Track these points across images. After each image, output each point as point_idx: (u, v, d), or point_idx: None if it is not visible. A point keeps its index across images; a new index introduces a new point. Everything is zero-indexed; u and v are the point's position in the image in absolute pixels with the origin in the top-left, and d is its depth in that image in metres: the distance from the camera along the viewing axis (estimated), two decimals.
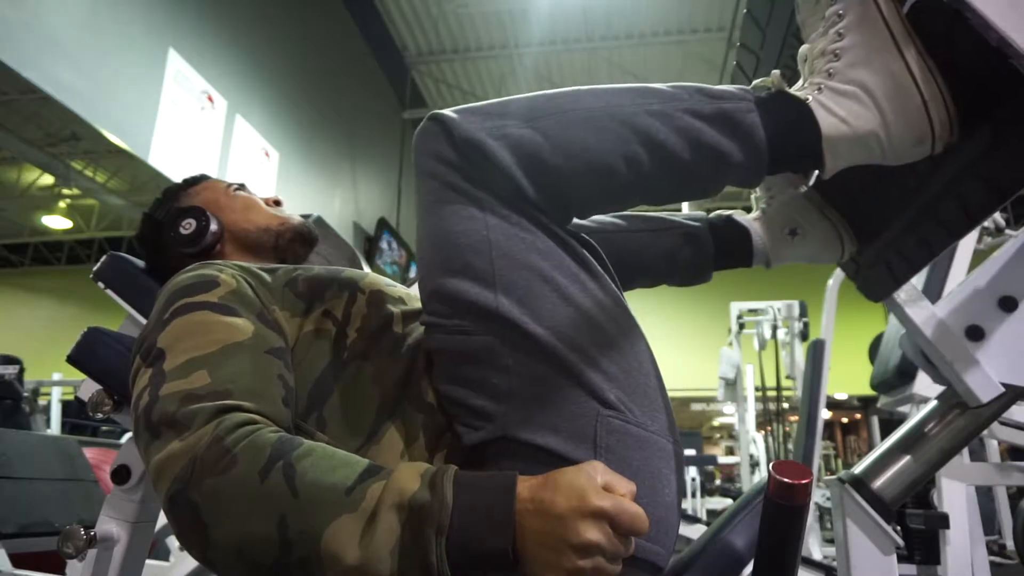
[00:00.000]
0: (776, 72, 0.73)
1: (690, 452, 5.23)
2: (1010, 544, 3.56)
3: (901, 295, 0.81)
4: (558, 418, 0.62)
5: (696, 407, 11.84)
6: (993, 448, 3.11)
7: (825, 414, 2.87)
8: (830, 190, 0.86)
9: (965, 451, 1.58)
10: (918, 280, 2.10)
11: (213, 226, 0.93)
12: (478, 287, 0.65)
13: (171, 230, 0.94)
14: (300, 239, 0.99)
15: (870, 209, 0.84)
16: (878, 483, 0.76)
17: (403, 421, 0.69)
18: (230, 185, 1.02)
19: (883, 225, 0.82)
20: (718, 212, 0.95)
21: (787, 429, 4.55)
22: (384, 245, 6.86)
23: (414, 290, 0.84)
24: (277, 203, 1.02)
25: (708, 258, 0.92)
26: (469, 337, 0.65)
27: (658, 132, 0.68)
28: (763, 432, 4.71)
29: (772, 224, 0.90)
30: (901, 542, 0.74)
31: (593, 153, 0.67)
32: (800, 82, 0.74)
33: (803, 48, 0.75)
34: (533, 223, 0.67)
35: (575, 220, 0.77)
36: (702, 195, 0.75)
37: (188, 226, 0.93)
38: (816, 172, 0.84)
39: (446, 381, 0.68)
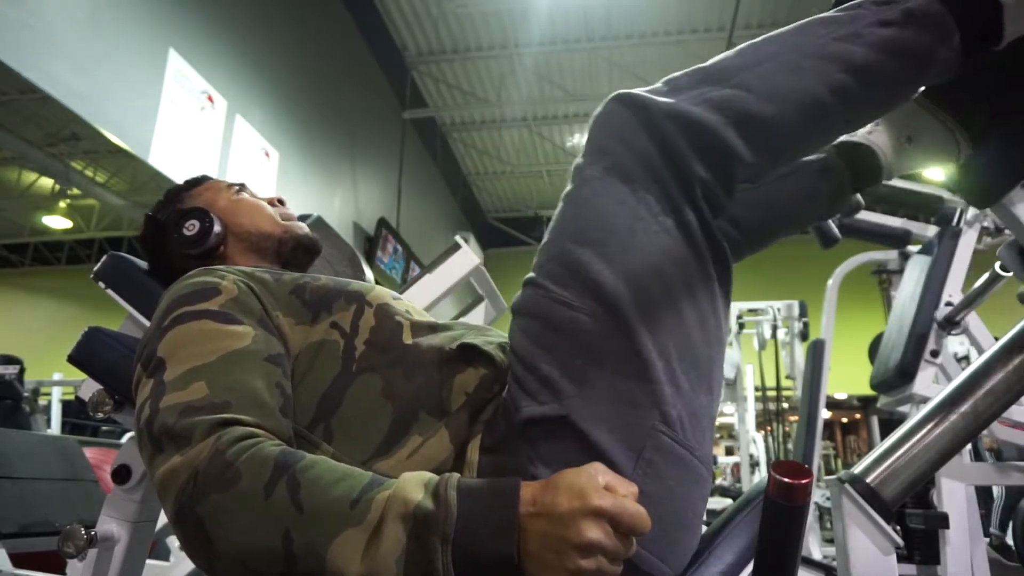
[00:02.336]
0: None
1: None
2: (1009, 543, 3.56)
3: (1012, 196, 0.81)
4: (619, 420, 0.62)
5: None
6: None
7: (825, 414, 2.87)
8: (940, 94, 0.85)
9: (965, 451, 1.58)
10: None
11: (216, 228, 0.93)
12: (603, 264, 0.64)
13: (174, 231, 0.94)
14: (303, 249, 0.99)
15: (981, 111, 0.83)
16: (878, 483, 0.76)
17: (419, 434, 0.69)
18: (231, 186, 1.02)
19: (996, 126, 0.82)
20: (839, 139, 0.96)
21: (787, 429, 4.55)
22: (385, 247, 6.86)
23: (413, 294, 0.84)
24: (280, 202, 1.02)
25: (846, 185, 0.93)
26: (572, 310, 0.64)
27: (855, 53, 0.68)
28: (763, 432, 4.71)
29: (888, 134, 0.90)
30: (901, 542, 0.74)
31: (800, 93, 0.67)
32: None
33: None
34: (680, 225, 0.66)
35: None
36: (909, 98, 0.76)
37: (191, 227, 0.93)
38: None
39: (530, 343, 0.67)
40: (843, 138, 0.94)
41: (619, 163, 0.67)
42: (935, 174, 2.71)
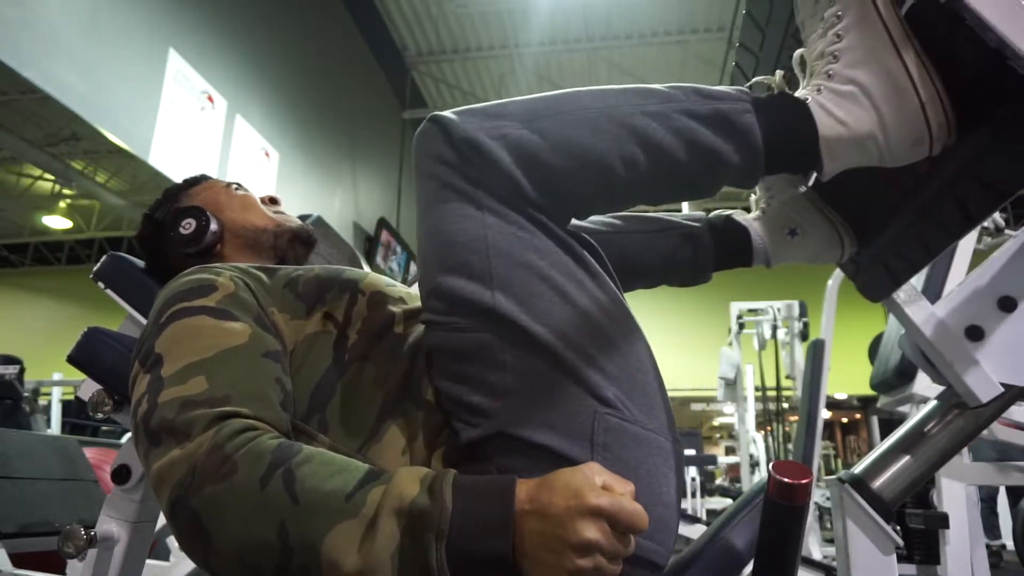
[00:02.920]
0: (779, 73, 0.73)
1: (690, 452, 5.23)
2: (1010, 544, 3.56)
3: (900, 295, 0.81)
4: (555, 415, 0.62)
5: (696, 407, 11.84)
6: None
7: (825, 414, 2.87)
8: (830, 191, 0.86)
9: (965, 451, 1.58)
10: (918, 280, 2.10)
11: (213, 226, 0.93)
12: (474, 284, 0.65)
13: (171, 230, 0.94)
14: (298, 241, 0.99)
15: (869, 210, 0.84)
16: (878, 483, 0.76)
17: (404, 420, 0.69)
18: (230, 184, 1.02)
19: (882, 226, 0.82)
20: (717, 212, 0.95)
21: (787, 429, 4.55)
22: (385, 247, 6.86)
23: (415, 289, 0.84)
24: (273, 201, 1.03)
25: (708, 258, 0.92)
26: (465, 334, 0.65)
27: (655, 132, 0.68)
28: (763, 432, 4.71)
29: (772, 224, 0.89)
30: (901, 542, 0.74)
31: (590, 153, 0.67)
32: (802, 85, 0.74)
33: (798, 52, 0.75)
34: (531, 222, 0.67)
35: (574, 221, 0.77)
36: (699, 195, 0.75)
37: (188, 226, 0.93)
38: (815, 173, 0.84)
39: (444, 378, 0.68)
40: (727, 213, 0.94)
41: (446, 181, 0.68)
42: None
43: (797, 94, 0.72)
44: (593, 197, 0.71)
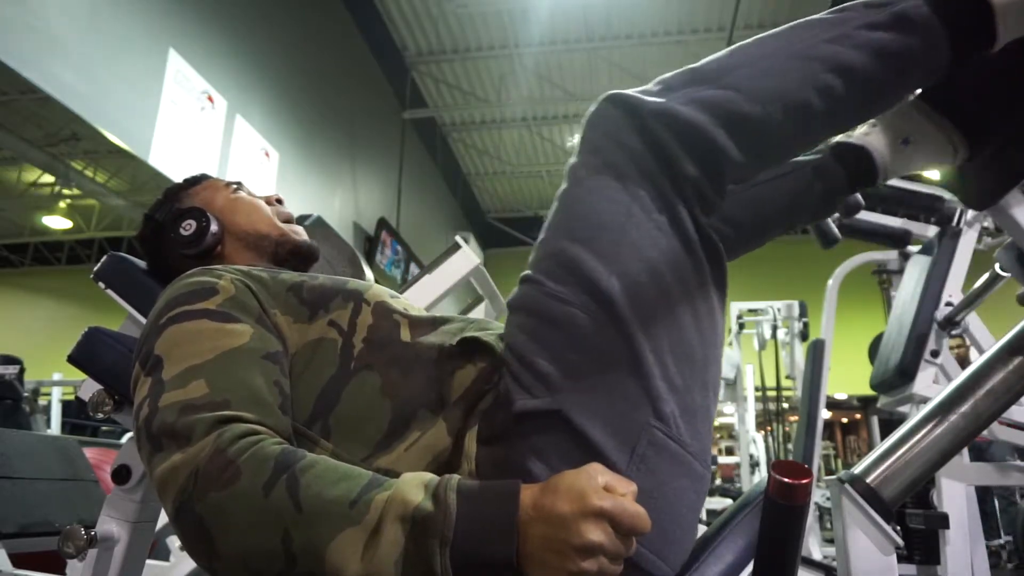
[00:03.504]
0: None
1: None
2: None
3: (1009, 199, 0.81)
4: (613, 415, 0.62)
5: None
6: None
7: (825, 414, 2.87)
8: (938, 98, 0.86)
9: (965, 451, 1.58)
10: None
11: (213, 227, 0.93)
12: (597, 261, 0.65)
13: (171, 231, 0.94)
14: (299, 255, 0.99)
15: (979, 116, 0.84)
16: (878, 483, 0.76)
17: (419, 430, 0.69)
18: (229, 184, 1.02)
19: (992, 132, 0.82)
20: (835, 139, 0.96)
21: (787, 429, 4.55)
22: (385, 247, 6.86)
23: (413, 294, 0.84)
24: (279, 201, 1.02)
25: (840, 186, 0.93)
26: (566, 306, 0.65)
27: (842, 55, 0.68)
28: (763, 432, 4.71)
29: (884, 136, 0.90)
30: (901, 542, 0.74)
31: (786, 93, 0.67)
32: None
33: None
34: (672, 224, 0.67)
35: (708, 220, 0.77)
36: (894, 104, 0.77)
37: (188, 227, 0.93)
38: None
39: (525, 338, 0.67)
40: (839, 138, 0.94)
41: (612, 162, 0.68)
42: (935, 174, 2.71)
43: None
44: (796, 137, 0.72)
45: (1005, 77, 0.78)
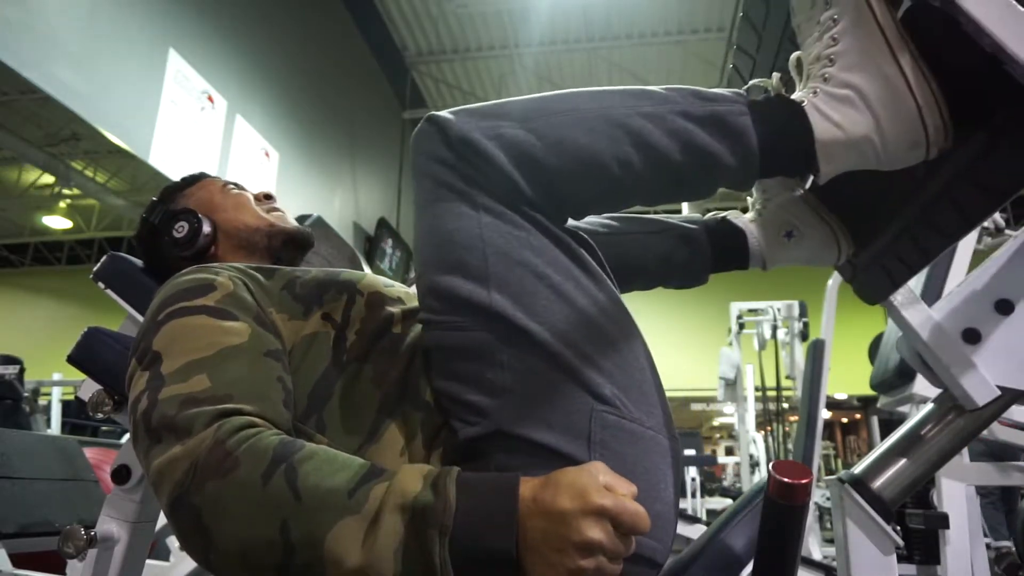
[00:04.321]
0: (776, 75, 0.73)
1: (690, 452, 5.23)
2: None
3: (897, 298, 0.81)
4: (552, 413, 0.62)
5: (696, 407, 11.83)
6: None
7: (825, 414, 2.87)
8: (826, 193, 0.86)
9: (965, 451, 1.58)
10: (917, 282, 2.10)
11: (205, 228, 0.93)
12: (471, 284, 0.65)
13: (165, 233, 0.94)
14: (292, 243, 0.98)
15: (866, 212, 0.84)
16: (878, 483, 0.76)
17: (403, 420, 0.69)
18: (226, 184, 1.01)
19: (880, 228, 0.82)
20: (714, 214, 0.95)
21: (787, 429, 4.55)
22: (385, 248, 6.86)
23: (413, 289, 0.84)
24: (268, 197, 1.02)
25: (705, 260, 0.92)
26: (463, 333, 0.66)
27: (650, 134, 0.68)
28: (763, 432, 4.71)
29: (768, 226, 0.89)
30: (901, 542, 0.74)
31: (586, 153, 0.67)
32: (798, 88, 0.74)
33: (795, 55, 0.75)
34: (528, 220, 0.67)
35: (571, 221, 0.77)
36: (695, 197, 0.75)
37: (180, 229, 0.93)
38: (811, 176, 0.84)
39: (442, 377, 0.68)
40: (723, 214, 0.94)
41: (443, 181, 0.68)
42: None
43: (794, 97, 0.72)
44: (589, 197, 0.72)
45: (886, 184, 0.77)
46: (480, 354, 0.65)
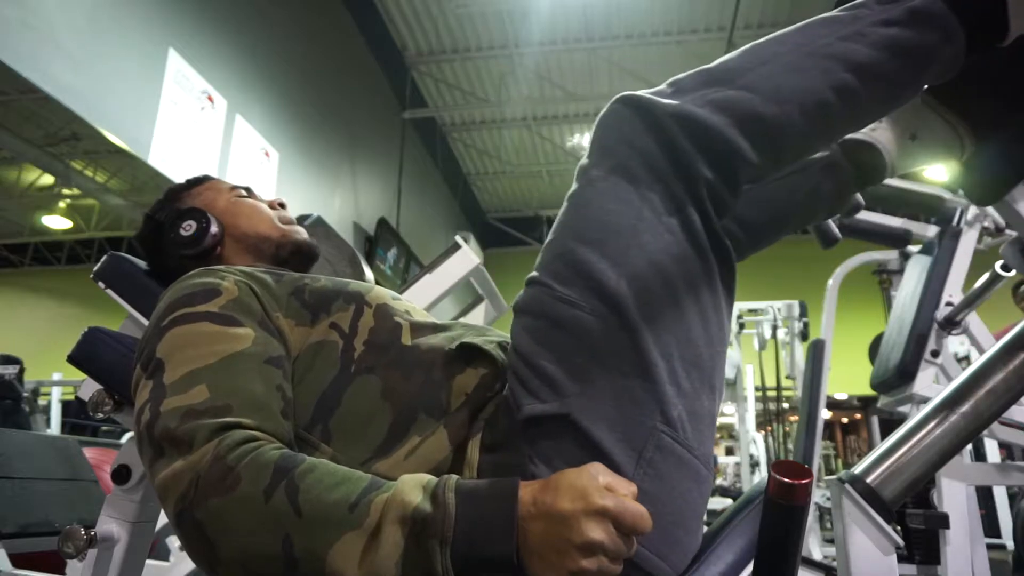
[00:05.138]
0: None
1: None
2: (1009, 544, 3.54)
3: (1014, 194, 0.81)
4: (621, 419, 0.62)
5: None
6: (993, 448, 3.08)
7: (825, 414, 2.87)
8: (946, 92, 0.86)
9: (965, 451, 1.58)
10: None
11: (213, 228, 0.93)
12: (606, 263, 0.64)
13: (171, 231, 0.94)
14: (300, 255, 0.99)
15: (985, 109, 0.84)
16: (878, 483, 0.76)
17: (418, 435, 0.69)
18: (234, 188, 1.02)
19: (998, 126, 0.82)
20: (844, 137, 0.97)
21: (787, 429, 4.55)
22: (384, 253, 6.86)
23: (414, 294, 0.84)
24: (282, 205, 1.02)
25: (850, 182, 0.93)
26: (574, 308, 0.64)
27: (858, 53, 0.68)
28: (763, 432, 4.71)
29: (892, 131, 0.90)
30: (901, 542, 0.74)
31: (803, 93, 0.67)
32: None
33: None
34: (684, 228, 0.66)
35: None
36: (911, 98, 0.76)
37: (188, 228, 0.93)
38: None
39: (532, 341, 0.66)
40: (847, 136, 0.94)
41: (623, 164, 0.67)
42: (935, 173, 2.71)
43: None
44: (813, 136, 0.71)
45: (1012, 71, 0.78)
46: (581, 336, 0.64)
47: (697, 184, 0.66)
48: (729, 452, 9.22)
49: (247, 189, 1.03)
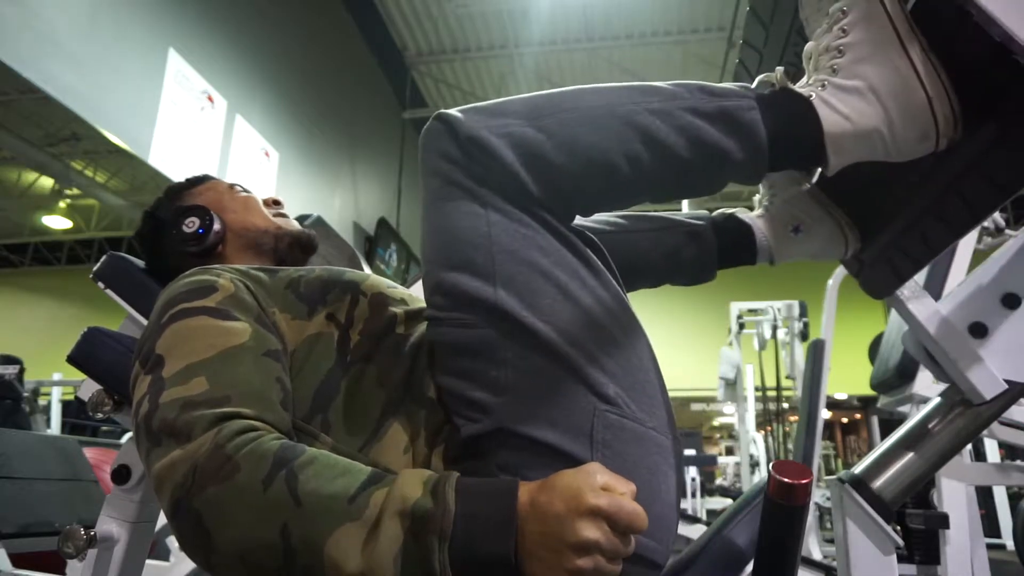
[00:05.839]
0: (780, 69, 0.73)
1: (690, 452, 5.23)
2: (1010, 544, 3.54)
3: (904, 292, 0.81)
4: (555, 412, 0.62)
5: (696, 407, 11.83)
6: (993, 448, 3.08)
7: (825, 414, 2.87)
8: (833, 187, 0.86)
9: (965, 451, 1.58)
10: (918, 279, 2.10)
11: (216, 225, 0.93)
12: (478, 281, 0.65)
13: (173, 228, 0.94)
14: (299, 246, 0.99)
15: (873, 206, 0.84)
16: (878, 483, 0.76)
17: (406, 418, 0.70)
18: (233, 186, 1.02)
19: (886, 222, 0.82)
20: (721, 210, 0.95)
21: (787, 429, 4.55)
22: (384, 253, 6.86)
23: (415, 290, 0.84)
24: (276, 203, 1.03)
25: (712, 256, 0.92)
26: (468, 330, 0.65)
27: (658, 130, 0.68)
28: (763, 432, 4.71)
29: (775, 221, 0.89)
30: (901, 542, 0.74)
31: (594, 151, 0.67)
32: (804, 79, 0.74)
33: (808, 45, 0.75)
34: (535, 219, 0.67)
35: (578, 219, 0.77)
36: (704, 192, 0.75)
37: (191, 224, 0.93)
38: (819, 169, 0.84)
39: (445, 373, 0.68)
40: (730, 211, 0.94)
41: (452, 179, 0.68)
42: None
43: (799, 89, 0.72)
44: (597, 195, 0.71)
45: (893, 177, 0.77)
46: (484, 351, 0.65)
47: (523, 196, 0.67)
48: (729, 452, 9.23)
49: (242, 187, 1.03)
